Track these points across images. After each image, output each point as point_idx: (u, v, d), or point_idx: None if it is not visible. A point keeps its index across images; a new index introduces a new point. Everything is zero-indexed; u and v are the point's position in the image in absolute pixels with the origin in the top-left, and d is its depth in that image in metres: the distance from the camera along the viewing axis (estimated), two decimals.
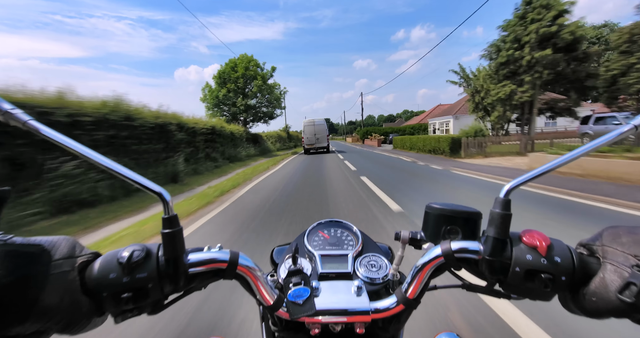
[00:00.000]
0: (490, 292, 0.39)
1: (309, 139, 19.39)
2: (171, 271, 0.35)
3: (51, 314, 0.29)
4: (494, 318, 1.78)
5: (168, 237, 0.35)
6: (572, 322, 1.65)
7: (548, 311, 1.78)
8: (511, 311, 1.83)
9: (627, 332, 1.50)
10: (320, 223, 0.60)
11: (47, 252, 0.30)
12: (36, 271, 0.29)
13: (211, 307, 2.01)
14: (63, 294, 0.30)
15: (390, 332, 0.44)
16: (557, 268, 0.34)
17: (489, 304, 1.91)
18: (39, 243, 0.31)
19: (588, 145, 0.34)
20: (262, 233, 3.50)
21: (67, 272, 0.31)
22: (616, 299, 0.30)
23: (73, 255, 0.33)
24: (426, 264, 0.39)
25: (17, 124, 0.30)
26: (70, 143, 0.32)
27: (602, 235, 0.35)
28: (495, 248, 0.35)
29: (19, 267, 0.28)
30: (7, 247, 0.28)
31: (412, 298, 0.40)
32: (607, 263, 0.32)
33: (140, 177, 0.34)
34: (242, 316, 1.89)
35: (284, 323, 0.43)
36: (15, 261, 0.28)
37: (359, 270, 0.48)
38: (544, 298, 0.35)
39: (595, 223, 3.47)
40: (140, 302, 0.34)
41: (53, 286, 0.29)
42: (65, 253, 0.32)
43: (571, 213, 4.00)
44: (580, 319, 0.37)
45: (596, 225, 2.93)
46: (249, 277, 0.39)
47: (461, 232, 0.42)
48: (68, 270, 0.31)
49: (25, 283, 0.28)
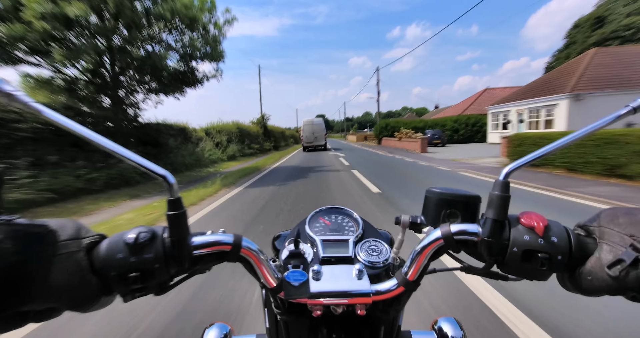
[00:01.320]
0: (489, 274, 0.40)
1: (308, 138, 20.22)
2: (176, 252, 0.35)
3: (61, 292, 0.30)
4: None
5: (173, 219, 0.35)
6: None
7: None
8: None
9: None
10: (321, 210, 0.60)
11: (52, 232, 0.31)
12: (42, 250, 0.29)
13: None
14: (72, 273, 0.31)
15: (390, 314, 0.45)
16: (553, 248, 0.34)
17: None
18: (45, 224, 0.31)
19: (586, 128, 0.35)
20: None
21: (75, 252, 0.32)
22: (609, 278, 0.31)
23: (79, 236, 0.33)
24: (426, 247, 0.40)
25: (19, 106, 0.30)
26: (73, 125, 0.32)
27: (599, 216, 0.36)
28: (494, 229, 0.36)
29: (25, 247, 0.28)
30: (12, 227, 0.28)
31: (412, 280, 0.41)
32: (603, 244, 0.33)
33: (143, 160, 0.35)
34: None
35: (287, 305, 0.44)
36: (22, 241, 0.28)
37: (359, 255, 0.48)
38: (540, 278, 0.36)
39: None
40: (147, 282, 0.34)
41: (61, 265, 0.30)
42: (72, 234, 0.33)
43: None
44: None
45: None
46: (252, 259, 0.39)
47: (461, 216, 0.43)
48: (75, 250, 0.32)
49: (32, 262, 0.28)
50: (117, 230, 0.37)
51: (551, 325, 1.67)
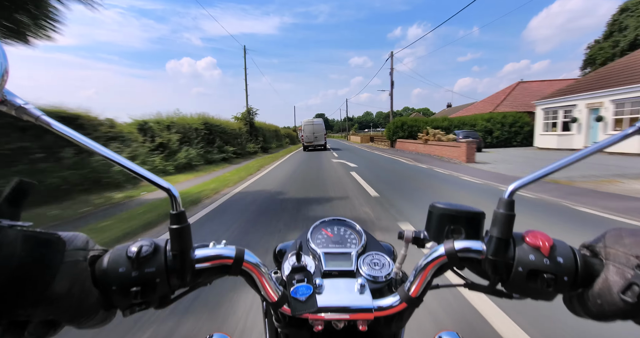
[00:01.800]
0: (493, 292, 0.39)
1: (308, 137, 21.06)
2: (178, 266, 0.36)
3: (61, 300, 0.30)
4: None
5: (176, 233, 0.35)
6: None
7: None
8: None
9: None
10: (324, 221, 0.60)
11: (62, 241, 0.32)
12: (51, 255, 0.30)
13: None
14: (74, 282, 0.31)
15: (392, 329, 0.45)
16: (559, 268, 0.34)
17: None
18: (56, 234, 0.32)
19: (593, 147, 0.34)
20: None
21: (80, 261, 0.32)
22: (620, 300, 0.30)
23: (86, 248, 0.34)
24: (429, 263, 0.39)
25: (29, 119, 0.31)
26: (81, 138, 0.33)
27: (604, 237, 0.35)
28: (499, 248, 0.36)
29: (35, 250, 0.29)
30: (25, 232, 0.29)
31: (415, 296, 0.40)
32: (609, 265, 0.33)
33: (149, 173, 0.35)
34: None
35: (288, 319, 0.44)
36: (33, 245, 0.29)
37: (362, 268, 0.48)
38: (546, 298, 0.35)
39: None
40: (148, 296, 0.34)
41: (66, 273, 0.31)
42: (79, 246, 0.33)
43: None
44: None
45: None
46: (254, 273, 0.39)
47: (464, 232, 0.42)
48: (81, 260, 0.32)
49: (40, 265, 0.29)
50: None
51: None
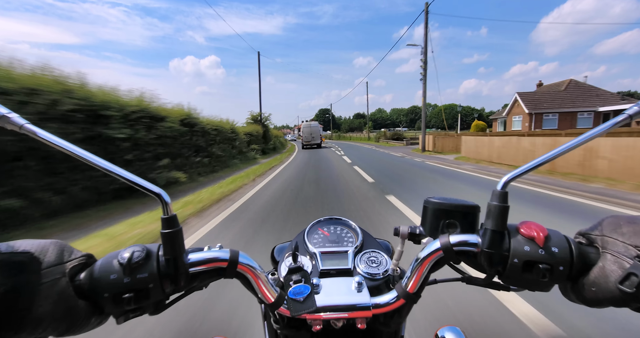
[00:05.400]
0: (490, 284, 0.39)
1: (306, 137, 25.68)
2: (172, 271, 0.35)
3: (47, 322, 0.29)
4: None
5: (168, 237, 0.35)
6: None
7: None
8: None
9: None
10: (320, 221, 0.59)
11: (36, 259, 0.30)
12: (26, 281, 0.28)
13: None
14: (56, 302, 0.30)
15: (391, 326, 0.45)
16: (554, 258, 0.34)
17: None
18: (27, 251, 0.30)
19: (584, 136, 0.34)
20: None
21: (58, 279, 0.31)
22: (616, 289, 0.30)
23: (62, 260, 0.32)
24: (425, 258, 0.39)
25: (13, 128, 0.30)
26: (66, 145, 0.32)
27: (601, 225, 0.35)
28: (494, 240, 0.36)
29: (8, 278, 0.27)
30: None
31: (413, 292, 0.40)
32: (607, 254, 0.32)
33: (137, 178, 0.34)
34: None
35: (286, 320, 0.44)
36: (5, 271, 0.27)
37: (359, 266, 0.48)
38: (542, 289, 0.35)
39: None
40: (142, 302, 0.34)
41: (45, 294, 0.29)
42: (54, 260, 0.32)
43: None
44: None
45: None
46: (249, 275, 0.39)
47: (460, 226, 0.42)
48: (59, 277, 0.31)
49: (16, 294, 0.27)
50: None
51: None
